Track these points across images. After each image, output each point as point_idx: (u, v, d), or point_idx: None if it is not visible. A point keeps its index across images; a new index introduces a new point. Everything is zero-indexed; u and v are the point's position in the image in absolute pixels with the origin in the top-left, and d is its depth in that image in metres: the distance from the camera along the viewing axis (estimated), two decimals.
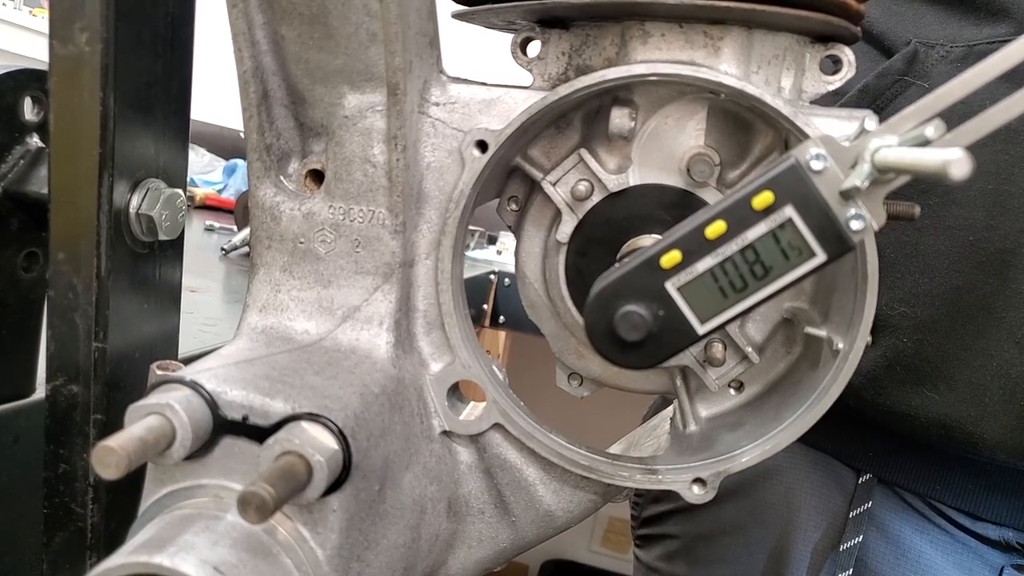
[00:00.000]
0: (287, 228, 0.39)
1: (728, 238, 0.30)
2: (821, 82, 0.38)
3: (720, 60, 0.36)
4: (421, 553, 0.39)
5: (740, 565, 0.72)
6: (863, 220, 0.29)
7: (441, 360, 0.40)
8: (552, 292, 0.44)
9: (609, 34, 0.37)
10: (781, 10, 0.34)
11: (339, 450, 0.30)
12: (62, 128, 0.39)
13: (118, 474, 0.26)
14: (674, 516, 0.77)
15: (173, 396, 0.30)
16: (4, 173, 0.46)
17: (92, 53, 0.38)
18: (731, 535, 0.73)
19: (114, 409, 0.42)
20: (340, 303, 0.39)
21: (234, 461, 0.31)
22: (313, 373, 0.34)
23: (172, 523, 0.29)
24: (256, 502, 0.25)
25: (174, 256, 0.46)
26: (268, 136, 0.38)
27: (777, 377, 0.43)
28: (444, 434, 0.40)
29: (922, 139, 0.28)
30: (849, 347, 0.36)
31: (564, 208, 0.41)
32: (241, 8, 0.36)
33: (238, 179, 2.04)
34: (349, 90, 0.37)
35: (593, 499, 0.42)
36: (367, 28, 0.35)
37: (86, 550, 0.42)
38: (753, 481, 0.71)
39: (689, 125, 0.39)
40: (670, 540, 0.77)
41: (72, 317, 0.40)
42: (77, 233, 0.40)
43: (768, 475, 0.70)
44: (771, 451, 0.38)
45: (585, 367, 0.45)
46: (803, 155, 0.29)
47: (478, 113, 0.38)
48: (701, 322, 0.31)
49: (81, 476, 0.42)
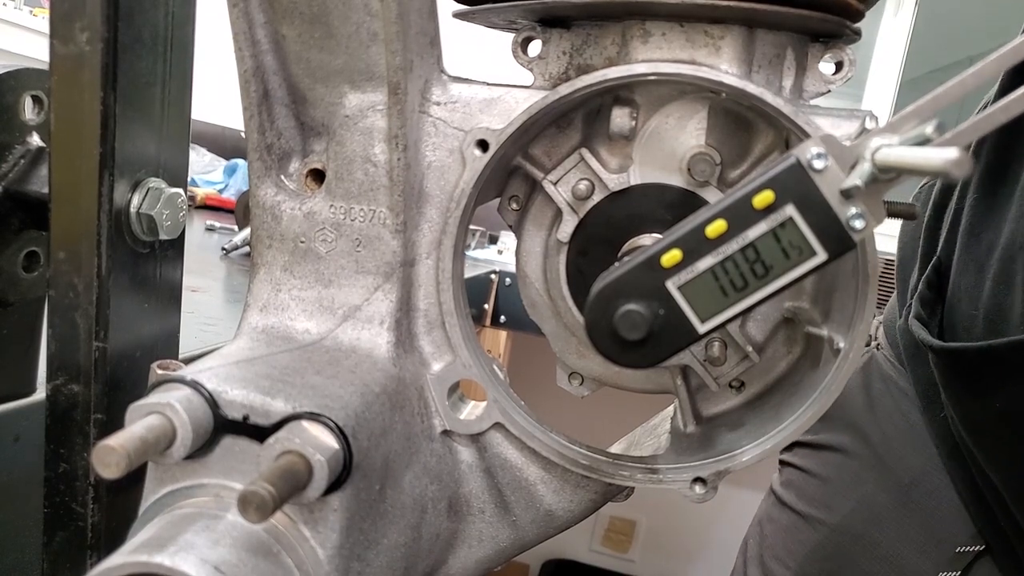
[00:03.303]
0: (288, 227, 0.39)
1: (729, 237, 0.30)
2: (822, 82, 0.38)
3: (721, 59, 0.36)
4: (422, 552, 0.39)
5: (839, 516, 0.74)
6: (864, 219, 0.29)
7: (442, 359, 0.40)
8: (553, 291, 0.44)
9: (610, 33, 0.37)
10: (782, 9, 0.34)
11: (340, 449, 0.30)
12: (63, 128, 0.39)
13: (118, 473, 0.26)
14: (803, 448, 0.81)
15: (174, 395, 0.30)
16: (4, 173, 0.46)
17: (92, 53, 0.38)
18: (835, 483, 0.75)
19: (115, 408, 0.42)
20: (341, 302, 0.39)
21: (235, 460, 0.31)
22: (314, 372, 0.34)
23: (172, 522, 0.29)
24: (256, 501, 0.25)
25: (175, 256, 0.46)
26: (269, 136, 0.38)
27: (777, 376, 0.43)
28: (445, 433, 0.40)
29: (923, 138, 0.28)
30: (850, 346, 0.36)
31: (565, 207, 0.41)
32: (242, 7, 0.36)
33: (239, 179, 2.04)
34: (350, 89, 0.37)
35: (594, 498, 0.42)
36: (368, 27, 0.35)
37: (86, 549, 0.42)
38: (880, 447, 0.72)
39: (690, 124, 0.39)
40: (792, 469, 0.82)
41: (73, 316, 0.40)
42: (78, 232, 0.40)
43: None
44: (771, 451, 0.38)
45: (586, 366, 0.45)
46: (804, 154, 0.29)
47: (479, 112, 0.38)
48: (702, 321, 0.31)
49: (82, 475, 0.42)
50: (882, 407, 0.74)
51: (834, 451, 0.77)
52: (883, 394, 0.75)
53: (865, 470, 0.74)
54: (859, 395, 0.77)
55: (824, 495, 0.77)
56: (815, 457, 0.79)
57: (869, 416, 0.75)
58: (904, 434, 0.72)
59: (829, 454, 0.77)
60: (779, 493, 0.83)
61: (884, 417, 0.74)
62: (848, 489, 0.75)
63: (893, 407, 0.74)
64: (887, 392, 0.75)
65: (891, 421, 0.73)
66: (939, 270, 0.66)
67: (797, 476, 0.81)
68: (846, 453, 0.76)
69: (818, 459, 0.79)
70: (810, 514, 0.77)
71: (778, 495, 0.83)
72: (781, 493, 0.82)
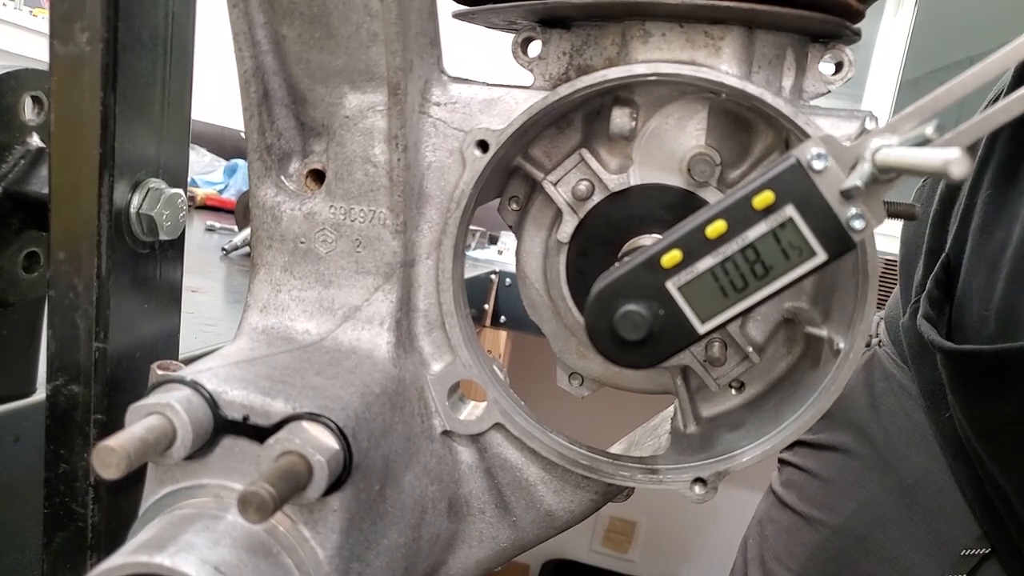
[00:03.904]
0: (288, 228, 0.39)
1: (729, 237, 0.30)
2: (822, 82, 0.38)
3: (721, 60, 0.36)
4: (422, 553, 0.39)
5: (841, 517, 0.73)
6: (864, 220, 0.29)
7: (442, 360, 0.40)
8: (553, 292, 0.44)
9: (610, 34, 0.37)
10: (782, 10, 0.34)
11: (340, 450, 0.30)
12: (63, 128, 0.39)
13: (119, 474, 0.26)
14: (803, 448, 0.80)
15: (174, 396, 0.30)
16: (4, 173, 0.46)
17: (92, 53, 0.38)
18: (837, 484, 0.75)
19: (115, 409, 0.42)
20: (341, 303, 0.39)
21: (235, 461, 0.31)
22: (314, 373, 0.34)
23: (172, 523, 0.29)
24: (257, 502, 0.25)
25: (175, 256, 0.46)
26: (269, 136, 0.38)
27: (777, 377, 0.43)
28: (445, 434, 0.40)
29: (923, 138, 0.28)
30: (850, 347, 0.36)
31: (565, 208, 0.41)
32: (242, 8, 0.36)
33: (239, 179, 2.04)
34: (350, 90, 0.37)
35: (594, 499, 0.42)
36: (368, 28, 0.35)
37: (86, 550, 0.42)
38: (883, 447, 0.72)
39: (690, 125, 0.39)
40: (792, 469, 0.81)
41: (73, 317, 0.40)
42: (78, 233, 0.40)
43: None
44: (771, 451, 0.38)
45: (586, 367, 0.45)
46: (804, 154, 0.29)
47: (479, 113, 0.38)
48: (702, 321, 0.31)
49: (82, 476, 0.42)
50: (885, 406, 0.74)
51: (836, 451, 0.76)
52: (886, 392, 0.74)
53: (868, 470, 0.73)
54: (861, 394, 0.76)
55: (826, 496, 0.76)
56: (816, 457, 0.79)
57: (872, 415, 0.74)
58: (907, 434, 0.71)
59: (831, 454, 0.77)
60: (779, 493, 0.82)
61: (887, 416, 0.73)
62: (850, 490, 0.74)
63: (896, 406, 0.73)
64: (890, 390, 0.74)
65: (894, 420, 0.72)
66: (948, 268, 0.65)
67: (798, 476, 0.80)
68: (848, 453, 0.75)
69: (819, 459, 0.78)
70: (811, 515, 0.76)
71: (778, 495, 0.82)
72: (781, 493, 0.81)
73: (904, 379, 0.73)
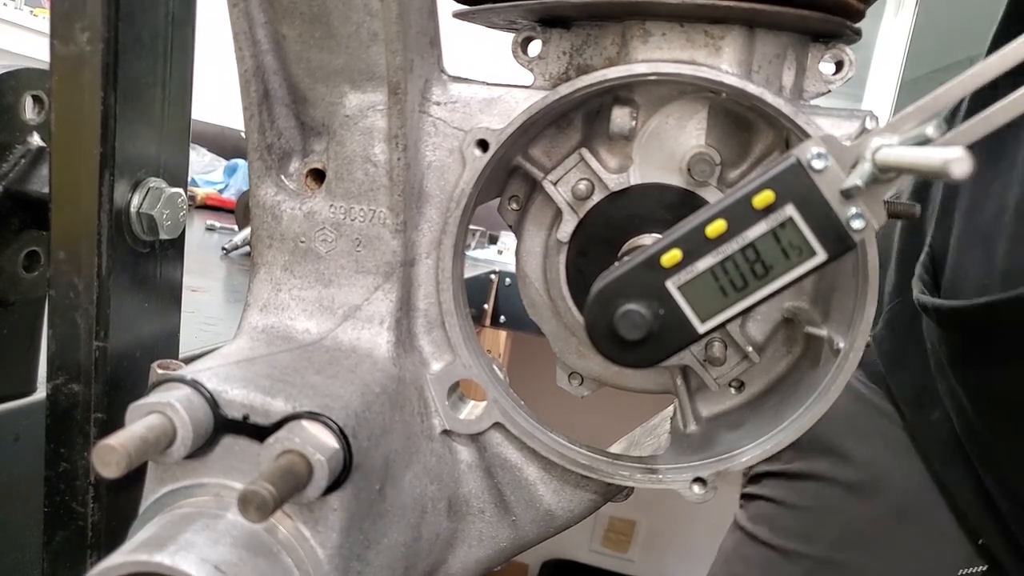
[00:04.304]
0: (288, 227, 0.39)
1: (729, 237, 0.30)
2: (822, 82, 0.38)
3: (721, 59, 0.36)
4: (421, 552, 0.39)
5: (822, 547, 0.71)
6: (864, 219, 0.29)
7: (442, 359, 0.40)
8: (553, 291, 0.44)
9: (610, 33, 0.37)
10: (782, 9, 0.34)
11: (340, 449, 0.30)
12: (63, 127, 0.39)
13: (119, 473, 0.26)
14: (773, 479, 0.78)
15: (174, 395, 0.30)
16: (5, 172, 0.46)
17: (93, 53, 0.38)
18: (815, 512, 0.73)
19: (115, 408, 0.42)
20: (341, 302, 0.39)
21: (235, 460, 0.31)
22: (314, 372, 0.34)
23: (172, 522, 0.29)
24: (257, 501, 0.25)
25: (175, 255, 0.46)
26: (269, 135, 0.38)
27: (777, 376, 0.43)
28: (444, 433, 0.40)
29: (923, 138, 0.28)
30: (850, 346, 0.36)
31: (565, 207, 0.41)
32: (242, 7, 0.36)
33: (239, 179, 2.05)
34: (350, 89, 0.37)
35: (593, 498, 0.42)
36: (368, 27, 0.35)
37: (86, 549, 0.42)
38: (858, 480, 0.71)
39: (690, 124, 0.39)
40: (762, 502, 0.78)
41: (73, 316, 0.40)
42: (78, 232, 0.40)
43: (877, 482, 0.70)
44: (771, 451, 0.38)
45: (585, 366, 0.45)
46: (804, 154, 0.29)
47: (479, 112, 0.38)
48: (702, 321, 0.31)
49: (82, 475, 0.42)
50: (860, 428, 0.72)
51: (811, 479, 0.74)
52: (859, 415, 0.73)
53: (848, 495, 0.71)
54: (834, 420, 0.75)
55: (803, 526, 0.74)
56: (788, 487, 0.76)
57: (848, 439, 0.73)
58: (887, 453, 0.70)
59: (805, 483, 0.74)
60: (748, 528, 0.79)
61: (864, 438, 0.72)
62: (830, 517, 0.72)
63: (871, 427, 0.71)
64: (863, 412, 0.73)
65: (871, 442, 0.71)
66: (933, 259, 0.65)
67: (769, 508, 0.77)
68: (824, 480, 0.73)
69: (793, 489, 0.75)
70: (788, 548, 0.74)
71: (747, 530, 0.79)
72: (751, 528, 0.78)
73: (875, 398, 0.72)
